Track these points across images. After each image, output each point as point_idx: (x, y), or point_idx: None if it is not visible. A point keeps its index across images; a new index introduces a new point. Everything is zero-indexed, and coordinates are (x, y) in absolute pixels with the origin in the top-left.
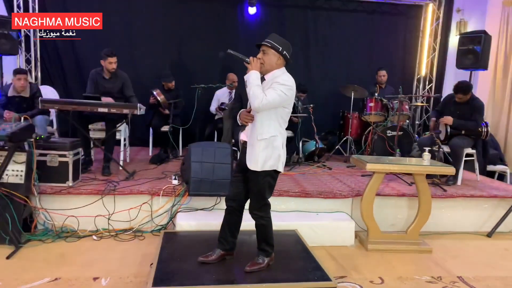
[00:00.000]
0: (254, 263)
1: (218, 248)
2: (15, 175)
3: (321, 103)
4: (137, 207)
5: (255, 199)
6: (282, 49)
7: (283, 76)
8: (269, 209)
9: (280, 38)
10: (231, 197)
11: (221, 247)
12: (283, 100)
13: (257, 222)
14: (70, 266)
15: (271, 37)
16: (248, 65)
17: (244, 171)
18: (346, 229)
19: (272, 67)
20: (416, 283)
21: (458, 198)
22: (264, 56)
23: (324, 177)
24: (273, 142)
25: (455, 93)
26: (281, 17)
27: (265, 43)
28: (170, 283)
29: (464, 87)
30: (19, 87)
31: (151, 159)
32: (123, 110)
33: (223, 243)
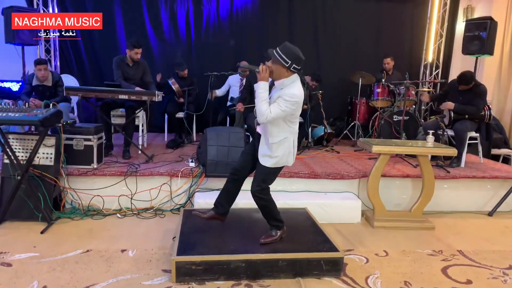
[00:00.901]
0: (268, 236)
1: (212, 210)
2: (45, 158)
3: (329, 89)
4: (158, 188)
5: (258, 183)
6: (290, 64)
7: (290, 89)
8: (269, 191)
9: (291, 50)
10: (238, 167)
11: (215, 210)
12: (288, 114)
13: (258, 203)
14: (99, 239)
15: (283, 47)
16: (258, 74)
17: (255, 152)
18: (353, 207)
19: (281, 76)
20: (418, 256)
21: (460, 179)
22: (273, 64)
23: (333, 160)
24: (284, 143)
25: (458, 83)
26: (291, 5)
27: (274, 56)
28: (192, 252)
29: (466, 78)
30: (41, 76)
31: (168, 144)
32: (142, 97)
33: (219, 207)
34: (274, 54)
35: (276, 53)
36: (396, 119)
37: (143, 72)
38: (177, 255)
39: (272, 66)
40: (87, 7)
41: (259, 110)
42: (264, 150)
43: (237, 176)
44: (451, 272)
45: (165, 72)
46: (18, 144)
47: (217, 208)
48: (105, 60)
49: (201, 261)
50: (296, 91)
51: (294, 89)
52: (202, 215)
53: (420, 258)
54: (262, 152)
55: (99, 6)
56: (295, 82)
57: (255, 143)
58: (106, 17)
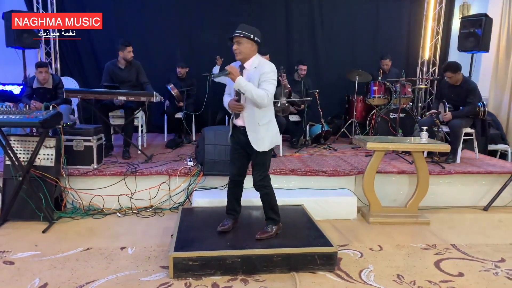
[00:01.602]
0: (264, 232)
1: (229, 218)
2: (46, 159)
3: (327, 88)
4: (156, 187)
5: (259, 172)
6: (253, 36)
7: (265, 65)
8: (270, 179)
9: (248, 27)
10: (237, 173)
11: (232, 217)
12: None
13: (262, 192)
14: (99, 238)
15: (240, 27)
16: (230, 76)
17: (244, 149)
18: (349, 203)
19: (249, 55)
20: (412, 250)
21: (455, 175)
22: (240, 46)
23: (329, 158)
24: (270, 124)
25: (444, 72)
26: (287, 4)
27: (237, 34)
28: (189, 248)
29: (452, 65)
30: (41, 79)
31: (167, 143)
32: (141, 98)
33: (233, 213)
34: (237, 34)
35: (239, 33)
36: (393, 116)
37: (137, 73)
38: (174, 251)
39: (239, 47)
40: (86, 9)
41: (258, 95)
42: (256, 136)
43: (239, 179)
44: (443, 265)
45: (165, 73)
46: (19, 145)
47: (233, 215)
48: (104, 62)
49: (197, 256)
50: (271, 64)
51: (268, 63)
52: (225, 227)
53: (414, 252)
54: (255, 139)
55: (97, 9)
56: (262, 59)
57: (239, 142)
58: (105, 19)
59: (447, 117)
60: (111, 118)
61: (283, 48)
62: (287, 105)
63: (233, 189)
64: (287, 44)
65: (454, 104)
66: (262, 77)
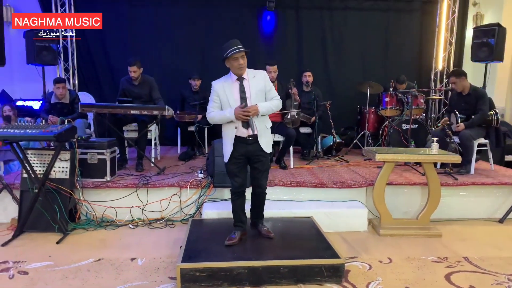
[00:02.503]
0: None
1: (237, 231)
2: (61, 171)
3: (339, 99)
4: (168, 199)
5: (265, 177)
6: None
7: (261, 73)
8: None
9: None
10: (241, 184)
11: (241, 229)
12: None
13: (263, 196)
14: (111, 249)
15: (238, 43)
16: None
17: (249, 158)
18: (359, 215)
19: (246, 65)
20: (422, 262)
21: (469, 186)
22: (244, 61)
23: (341, 169)
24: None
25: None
26: (298, 18)
27: (243, 50)
28: (197, 259)
29: (455, 70)
30: (59, 94)
31: (180, 156)
32: (153, 111)
33: (242, 225)
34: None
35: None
36: (405, 127)
37: (149, 89)
38: (181, 262)
39: (244, 62)
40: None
41: (276, 106)
42: (267, 140)
43: (242, 191)
44: (454, 278)
45: (180, 85)
46: (36, 159)
47: (241, 227)
48: (120, 78)
49: (204, 267)
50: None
51: (261, 72)
52: (233, 240)
53: (424, 265)
54: (266, 143)
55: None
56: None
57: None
58: (120, 36)
59: (459, 128)
60: (125, 131)
61: (294, 61)
62: (297, 117)
63: (238, 201)
64: (298, 56)
65: (465, 114)
66: (267, 86)
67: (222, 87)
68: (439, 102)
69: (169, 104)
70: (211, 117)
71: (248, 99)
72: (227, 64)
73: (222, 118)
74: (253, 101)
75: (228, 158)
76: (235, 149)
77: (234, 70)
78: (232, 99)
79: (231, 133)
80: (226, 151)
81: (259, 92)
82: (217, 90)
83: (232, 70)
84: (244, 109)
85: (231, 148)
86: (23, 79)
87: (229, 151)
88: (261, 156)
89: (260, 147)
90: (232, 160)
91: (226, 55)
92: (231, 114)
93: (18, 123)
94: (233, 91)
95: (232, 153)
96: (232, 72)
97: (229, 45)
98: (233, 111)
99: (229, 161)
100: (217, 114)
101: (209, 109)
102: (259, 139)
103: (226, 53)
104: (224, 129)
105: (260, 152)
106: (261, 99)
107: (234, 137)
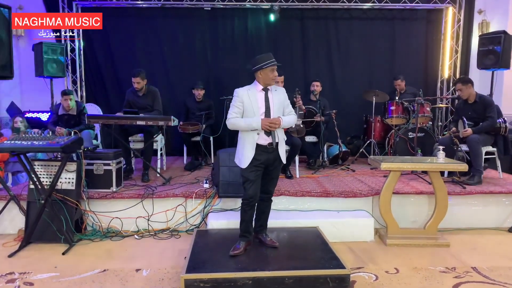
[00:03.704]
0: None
1: (243, 241)
2: (67, 182)
3: (345, 108)
4: (173, 209)
5: (274, 184)
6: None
7: (281, 88)
8: None
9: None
10: (256, 193)
11: (246, 240)
12: None
13: (269, 202)
14: (116, 260)
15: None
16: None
17: (267, 167)
18: (366, 225)
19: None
20: (430, 273)
21: (477, 195)
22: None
23: (347, 179)
24: None
25: (455, 85)
26: (304, 29)
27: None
28: (201, 270)
29: (461, 77)
30: (66, 106)
31: (185, 166)
32: (159, 122)
33: (248, 236)
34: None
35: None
36: (412, 136)
37: (152, 100)
38: (186, 273)
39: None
40: (109, 40)
41: (294, 120)
42: (283, 150)
43: (255, 201)
44: None
45: (185, 96)
46: (42, 170)
47: (247, 238)
48: (126, 89)
49: (208, 278)
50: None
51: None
52: (238, 251)
53: (432, 275)
54: (283, 153)
55: (120, 38)
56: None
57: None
58: (128, 46)
59: (467, 133)
60: (131, 142)
61: (300, 71)
62: (302, 127)
63: (251, 211)
64: (304, 66)
65: (473, 122)
66: (286, 101)
67: (247, 94)
68: (445, 110)
69: (175, 115)
70: (234, 122)
71: (271, 110)
72: (260, 74)
73: (247, 126)
74: (275, 113)
75: (247, 164)
76: (256, 156)
77: (267, 81)
78: (256, 106)
79: (253, 140)
80: (246, 157)
81: (280, 105)
82: (242, 97)
83: (264, 80)
84: (271, 120)
85: (252, 154)
86: (32, 91)
87: (249, 157)
88: (278, 166)
89: (279, 156)
90: (251, 167)
91: (264, 65)
92: (258, 124)
93: (26, 134)
94: (257, 99)
95: (253, 160)
96: (263, 82)
97: (266, 57)
98: (259, 121)
99: (248, 168)
100: (242, 122)
101: (232, 115)
102: (279, 149)
103: (264, 64)
104: (245, 136)
105: (278, 161)
106: (281, 112)
107: (255, 144)
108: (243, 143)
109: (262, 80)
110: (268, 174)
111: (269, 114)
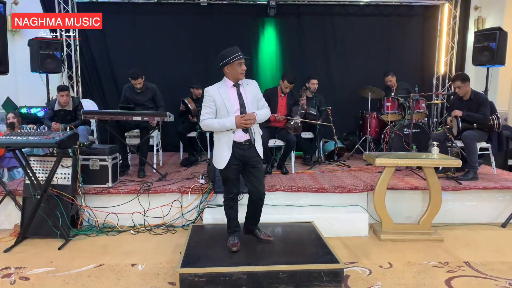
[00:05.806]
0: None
1: (236, 235)
2: (63, 178)
3: (341, 104)
4: (169, 204)
5: (263, 183)
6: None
7: (253, 82)
8: None
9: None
10: (237, 190)
11: (238, 234)
12: None
13: (261, 203)
14: (112, 255)
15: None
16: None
17: (245, 164)
18: (360, 220)
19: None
20: (423, 267)
21: (471, 190)
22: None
23: (342, 174)
24: None
25: (453, 81)
26: (300, 24)
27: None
28: (196, 265)
29: (461, 74)
30: (62, 102)
31: (181, 162)
32: (155, 118)
33: (239, 231)
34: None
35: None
36: (407, 132)
37: (153, 96)
38: (181, 267)
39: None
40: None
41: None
42: (260, 146)
43: (236, 197)
44: (455, 283)
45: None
46: (38, 165)
47: (238, 232)
48: (123, 84)
49: (203, 273)
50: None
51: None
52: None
53: (425, 269)
54: (260, 148)
55: (117, 34)
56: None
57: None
58: (124, 43)
59: (456, 112)
60: (127, 138)
61: (297, 67)
62: (300, 125)
63: (235, 205)
64: (300, 62)
65: None
66: (259, 95)
67: (218, 92)
68: (441, 107)
69: (170, 111)
70: (207, 124)
71: (246, 105)
72: (227, 69)
73: (221, 127)
74: (250, 108)
75: (225, 164)
76: (233, 154)
77: (236, 76)
78: (229, 104)
79: (228, 139)
80: (223, 157)
81: (253, 98)
82: (213, 96)
83: (232, 75)
84: (245, 117)
85: (229, 154)
86: (28, 87)
87: (226, 157)
88: (257, 162)
89: (256, 151)
90: (229, 167)
91: (230, 60)
92: (232, 124)
93: (21, 130)
94: (230, 97)
95: (230, 159)
96: (232, 77)
97: (232, 51)
98: (233, 120)
99: (226, 168)
100: (216, 122)
101: (204, 116)
102: (255, 144)
103: (230, 58)
104: (220, 136)
105: (256, 157)
106: (255, 106)
107: (231, 143)
108: (219, 143)
109: (231, 75)
110: (251, 173)
111: (244, 110)
